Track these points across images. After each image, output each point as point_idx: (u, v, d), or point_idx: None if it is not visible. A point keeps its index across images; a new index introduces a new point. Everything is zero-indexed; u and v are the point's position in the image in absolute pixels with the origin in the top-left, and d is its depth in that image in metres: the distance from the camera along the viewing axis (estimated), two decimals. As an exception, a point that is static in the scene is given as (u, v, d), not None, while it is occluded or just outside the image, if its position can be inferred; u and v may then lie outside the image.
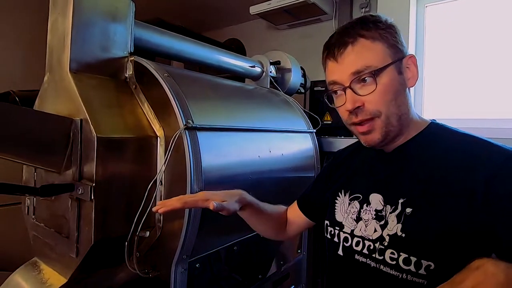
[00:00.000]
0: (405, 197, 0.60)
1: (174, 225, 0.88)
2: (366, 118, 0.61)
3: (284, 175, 1.20)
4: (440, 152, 0.61)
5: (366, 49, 0.61)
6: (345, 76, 0.62)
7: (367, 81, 0.60)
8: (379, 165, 0.69)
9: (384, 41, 0.62)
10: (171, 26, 1.33)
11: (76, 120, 0.82)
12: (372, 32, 0.61)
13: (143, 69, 0.96)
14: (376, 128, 0.62)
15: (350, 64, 0.61)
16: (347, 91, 0.62)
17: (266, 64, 1.51)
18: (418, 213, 0.58)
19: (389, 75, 0.61)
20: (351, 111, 0.62)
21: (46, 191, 0.79)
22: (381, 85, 0.60)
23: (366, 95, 0.61)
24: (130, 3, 0.99)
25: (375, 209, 0.64)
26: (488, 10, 1.50)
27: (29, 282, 0.91)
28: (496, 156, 0.55)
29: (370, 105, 0.61)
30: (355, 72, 0.61)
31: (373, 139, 0.63)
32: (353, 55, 0.61)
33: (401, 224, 0.59)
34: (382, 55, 0.61)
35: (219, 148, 0.96)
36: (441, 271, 0.54)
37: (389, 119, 0.61)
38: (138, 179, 0.87)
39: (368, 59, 0.60)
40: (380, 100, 0.60)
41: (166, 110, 0.90)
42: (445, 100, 1.62)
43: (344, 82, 0.62)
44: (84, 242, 0.81)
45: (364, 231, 0.64)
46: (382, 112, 0.61)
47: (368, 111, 0.61)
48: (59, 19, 0.89)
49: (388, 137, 0.63)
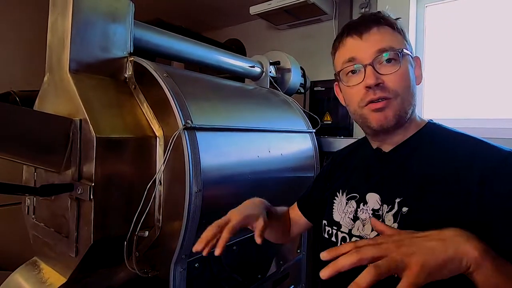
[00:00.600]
0: (402, 197, 0.60)
1: (173, 225, 0.88)
2: (385, 96, 0.61)
3: (284, 175, 1.20)
4: (436, 152, 0.62)
5: (390, 33, 0.64)
6: (369, 53, 0.62)
7: (391, 61, 0.62)
8: (376, 165, 0.69)
9: (402, 35, 0.65)
10: (171, 26, 1.33)
11: (76, 120, 0.82)
12: (393, 23, 0.65)
13: (142, 69, 0.96)
14: (391, 107, 0.61)
15: (375, 41, 0.62)
16: (368, 68, 0.62)
17: (265, 64, 1.51)
18: (414, 212, 0.58)
19: (407, 63, 0.63)
20: (371, 86, 0.61)
21: (46, 191, 0.79)
22: (404, 67, 0.62)
23: (387, 74, 0.61)
24: (130, 3, 0.99)
25: (372, 209, 0.64)
26: (488, 10, 1.50)
27: (29, 282, 0.92)
28: (491, 155, 0.56)
29: (391, 83, 0.61)
30: (380, 49, 0.62)
31: (386, 117, 0.62)
32: (378, 35, 0.63)
33: (397, 224, 0.59)
34: (403, 44, 0.64)
35: (218, 148, 0.96)
36: None
37: (404, 104, 0.62)
38: (137, 179, 0.88)
39: (392, 41, 0.63)
40: (400, 81, 0.61)
41: (165, 110, 0.90)
42: (445, 100, 1.62)
43: (366, 59, 0.62)
44: (84, 241, 0.81)
45: (362, 230, 0.65)
46: (399, 94, 0.61)
47: (389, 89, 0.61)
48: (58, 19, 0.90)
49: (400, 123, 0.63)
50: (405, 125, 0.64)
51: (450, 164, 0.58)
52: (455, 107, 1.58)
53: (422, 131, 0.66)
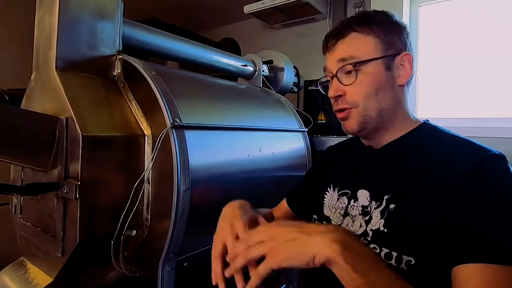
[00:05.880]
0: (390, 194, 0.61)
1: (161, 224, 0.87)
2: (344, 107, 0.65)
3: (275, 174, 1.20)
4: (427, 152, 0.62)
5: (356, 41, 0.65)
6: (333, 64, 0.66)
7: (349, 71, 0.64)
8: (368, 162, 0.70)
9: (377, 36, 0.65)
10: (165, 24, 1.33)
11: (62, 118, 0.81)
12: (365, 27, 0.65)
13: (131, 67, 0.95)
14: (352, 116, 0.65)
15: (338, 53, 0.66)
16: (334, 79, 0.66)
17: (258, 63, 1.51)
18: (400, 209, 0.58)
19: (373, 68, 0.64)
20: (333, 98, 0.67)
21: (31, 190, 0.78)
22: (362, 77, 0.63)
23: (348, 85, 0.64)
24: (119, 1, 0.98)
25: (362, 205, 0.64)
26: (481, 10, 1.50)
27: (15, 282, 0.91)
28: (473, 155, 0.56)
29: (349, 95, 0.65)
30: (340, 59, 0.65)
31: (350, 126, 0.67)
32: (343, 45, 0.66)
33: (383, 220, 0.59)
34: (371, 49, 0.64)
35: (207, 146, 0.96)
36: (422, 267, 0.54)
37: (366, 111, 0.64)
38: (125, 177, 0.87)
39: (355, 50, 0.64)
40: (359, 92, 0.64)
41: (153, 109, 0.89)
42: (439, 99, 1.62)
43: (333, 70, 0.66)
44: (70, 241, 0.80)
45: (351, 226, 0.65)
46: (359, 104, 0.64)
47: (346, 101, 0.65)
48: (45, 17, 0.89)
49: (367, 128, 0.66)
50: (384, 127, 0.66)
51: (436, 165, 0.58)
52: (448, 106, 1.58)
53: (415, 130, 0.67)
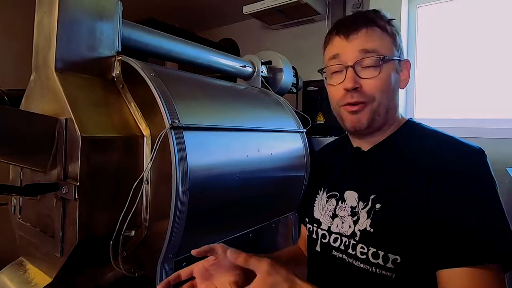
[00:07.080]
0: (376, 193, 0.61)
1: (160, 224, 0.88)
2: (361, 100, 0.62)
3: (273, 175, 1.20)
4: (411, 150, 0.63)
5: (378, 36, 0.63)
6: (352, 54, 0.62)
7: (372, 65, 0.62)
8: (355, 163, 0.70)
9: (392, 37, 0.64)
10: (164, 25, 1.33)
11: (61, 119, 0.82)
12: (385, 25, 0.64)
13: (130, 68, 0.95)
14: (365, 111, 0.63)
15: (360, 44, 0.62)
16: (349, 70, 0.62)
17: (257, 64, 1.51)
18: (386, 208, 0.59)
19: (390, 68, 0.63)
20: (349, 90, 0.62)
21: (30, 190, 0.78)
22: (384, 73, 0.62)
23: (366, 78, 0.62)
24: (118, 2, 0.99)
25: (351, 206, 0.65)
26: (479, 11, 1.51)
27: (14, 282, 0.91)
28: (452, 151, 0.57)
29: (368, 88, 0.62)
30: (363, 49, 0.62)
31: (360, 121, 0.64)
32: (365, 37, 0.63)
33: (370, 219, 0.60)
34: (389, 48, 0.64)
35: (206, 147, 0.96)
36: (408, 265, 0.55)
37: (379, 108, 0.63)
38: (124, 178, 0.87)
39: (378, 45, 0.62)
40: (378, 87, 0.62)
41: (152, 110, 0.89)
42: (437, 100, 1.63)
43: (349, 61, 0.63)
44: (69, 241, 0.81)
45: (341, 227, 0.65)
46: (376, 99, 0.62)
47: (365, 94, 0.62)
48: (44, 18, 0.89)
49: (373, 126, 0.64)
50: (383, 127, 0.66)
51: (418, 163, 0.59)
52: (446, 107, 1.59)
53: (400, 129, 0.67)
